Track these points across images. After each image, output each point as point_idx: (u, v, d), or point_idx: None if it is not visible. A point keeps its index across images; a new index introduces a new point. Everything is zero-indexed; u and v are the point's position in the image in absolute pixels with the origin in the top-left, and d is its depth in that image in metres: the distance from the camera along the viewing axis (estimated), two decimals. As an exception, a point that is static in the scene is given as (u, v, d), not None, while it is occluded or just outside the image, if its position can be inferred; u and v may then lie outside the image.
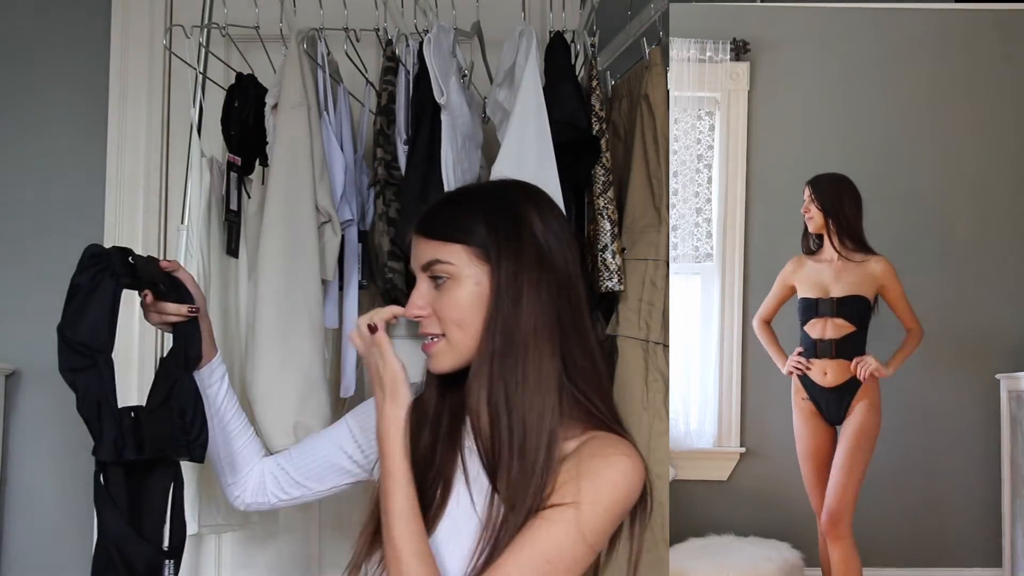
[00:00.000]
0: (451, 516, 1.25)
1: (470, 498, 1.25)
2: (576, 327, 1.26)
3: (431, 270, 1.26)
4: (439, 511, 1.26)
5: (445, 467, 1.28)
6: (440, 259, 1.25)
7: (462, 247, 1.25)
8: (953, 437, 2.48)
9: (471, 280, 1.24)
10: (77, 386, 1.31)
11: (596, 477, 1.19)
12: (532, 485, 1.18)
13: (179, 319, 1.44)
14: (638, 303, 1.97)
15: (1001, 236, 2.49)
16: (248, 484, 1.51)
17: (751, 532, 2.42)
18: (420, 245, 1.28)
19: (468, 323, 1.24)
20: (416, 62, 1.96)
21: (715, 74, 2.47)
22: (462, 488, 1.26)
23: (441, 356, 1.26)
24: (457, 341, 1.25)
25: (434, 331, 1.26)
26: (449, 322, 1.24)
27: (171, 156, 2.57)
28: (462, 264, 1.25)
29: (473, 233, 1.25)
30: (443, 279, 1.25)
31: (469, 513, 1.25)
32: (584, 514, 1.18)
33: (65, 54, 2.58)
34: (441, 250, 1.25)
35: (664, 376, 1.93)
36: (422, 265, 1.27)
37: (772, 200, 2.50)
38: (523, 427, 1.20)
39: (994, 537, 2.44)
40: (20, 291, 2.53)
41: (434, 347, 1.26)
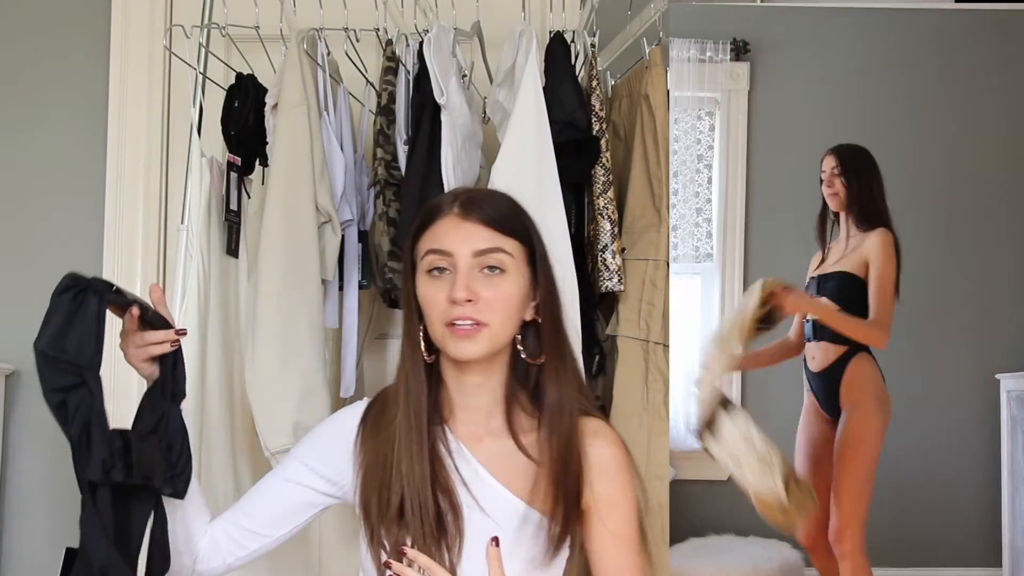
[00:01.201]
0: (470, 525, 1.28)
1: (476, 503, 1.29)
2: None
3: (488, 258, 1.27)
4: (457, 522, 1.28)
5: (441, 477, 1.30)
6: (504, 249, 1.27)
7: (520, 244, 1.29)
8: (953, 437, 2.48)
9: (520, 276, 1.29)
10: (67, 405, 1.27)
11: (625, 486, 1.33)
12: (578, 470, 1.30)
13: (163, 350, 1.37)
14: (638, 303, 1.97)
15: (1001, 236, 2.50)
16: (199, 550, 1.39)
17: (751, 532, 2.42)
18: (477, 230, 1.27)
19: (512, 317, 1.28)
20: (416, 62, 1.96)
21: (715, 74, 2.47)
22: (466, 495, 1.30)
23: (481, 342, 1.26)
24: (499, 332, 1.27)
25: (481, 318, 1.25)
26: (500, 312, 1.26)
27: (171, 156, 2.57)
28: (518, 259, 1.29)
29: (527, 233, 1.31)
30: (496, 270, 1.27)
31: (482, 518, 1.29)
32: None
33: (65, 54, 2.58)
34: (504, 241, 1.27)
35: (664, 376, 1.93)
36: (479, 251, 1.26)
37: (772, 200, 2.50)
38: (572, 422, 1.31)
39: (994, 537, 2.44)
40: (20, 291, 2.53)
41: (478, 332, 1.25)
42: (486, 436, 1.34)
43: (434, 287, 1.27)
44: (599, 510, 1.30)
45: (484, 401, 1.34)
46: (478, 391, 1.33)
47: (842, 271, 2.34)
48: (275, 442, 1.83)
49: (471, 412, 1.34)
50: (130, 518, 1.30)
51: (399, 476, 1.29)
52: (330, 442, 1.39)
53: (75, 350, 1.28)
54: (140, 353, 1.37)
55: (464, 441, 1.34)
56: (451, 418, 1.35)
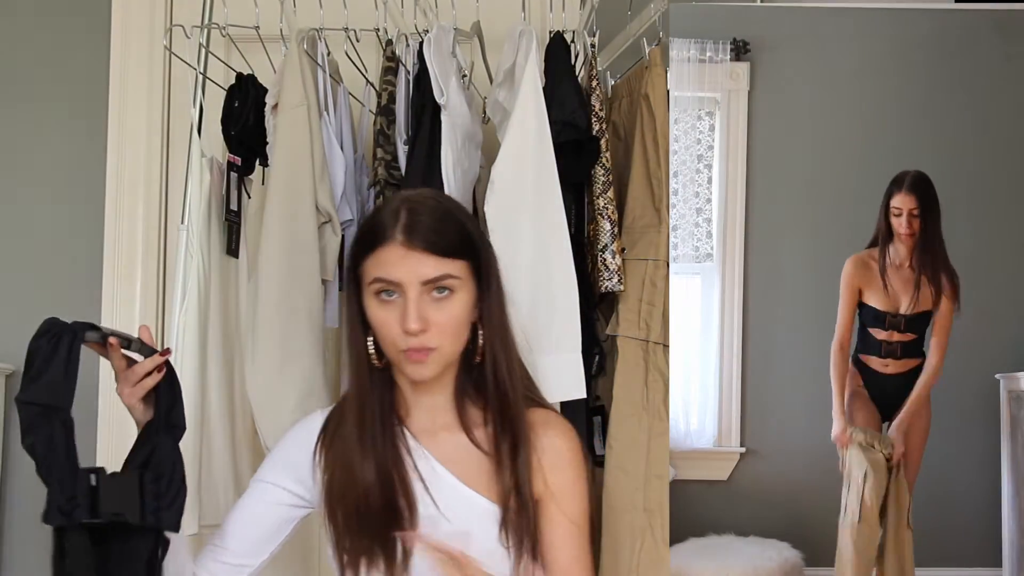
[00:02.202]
0: (425, 524, 1.31)
1: (432, 502, 1.32)
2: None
3: (437, 284, 1.29)
4: (414, 522, 1.31)
5: (400, 477, 1.33)
6: (452, 274, 1.30)
7: (466, 263, 1.32)
8: (953, 437, 2.48)
9: (467, 292, 1.32)
10: (36, 449, 1.26)
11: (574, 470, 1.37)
12: (529, 460, 1.33)
13: (155, 380, 1.38)
14: (638, 303, 1.96)
15: (1001, 236, 2.50)
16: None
17: (751, 532, 2.43)
18: (424, 260, 1.29)
19: (461, 332, 1.33)
20: (416, 62, 1.96)
21: (715, 74, 2.47)
22: (424, 494, 1.33)
23: (433, 365, 1.31)
24: (449, 351, 1.32)
25: (432, 345, 1.29)
26: (449, 335, 1.30)
27: (171, 156, 2.56)
28: (465, 277, 1.32)
29: (471, 249, 1.33)
30: (446, 293, 1.30)
31: (438, 517, 1.32)
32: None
33: (65, 54, 2.58)
34: (450, 265, 1.30)
35: (664, 376, 1.93)
36: (427, 280, 1.28)
37: (772, 200, 2.50)
38: (521, 415, 1.35)
39: (994, 537, 2.44)
40: (20, 291, 2.53)
41: (430, 356, 1.30)
42: (440, 431, 1.38)
43: (385, 311, 1.30)
44: (551, 500, 1.34)
45: (437, 399, 1.38)
46: (430, 390, 1.38)
47: (926, 311, 2.44)
48: (275, 442, 1.83)
49: (425, 409, 1.39)
50: (123, 562, 1.28)
51: (356, 481, 1.33)
52: (295, 457, 1.42)
53: (47, 391, 1.27)
54: (136, 391, 1.38)
55: (420, 437, 1.37)
56: (407, 416, 1.39)
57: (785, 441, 2.49)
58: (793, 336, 2.50)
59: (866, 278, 2.44)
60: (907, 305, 2.42)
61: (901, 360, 2.44)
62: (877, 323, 2.44)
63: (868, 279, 2.44)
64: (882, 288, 2.41)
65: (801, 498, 2.44)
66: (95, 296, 2.52)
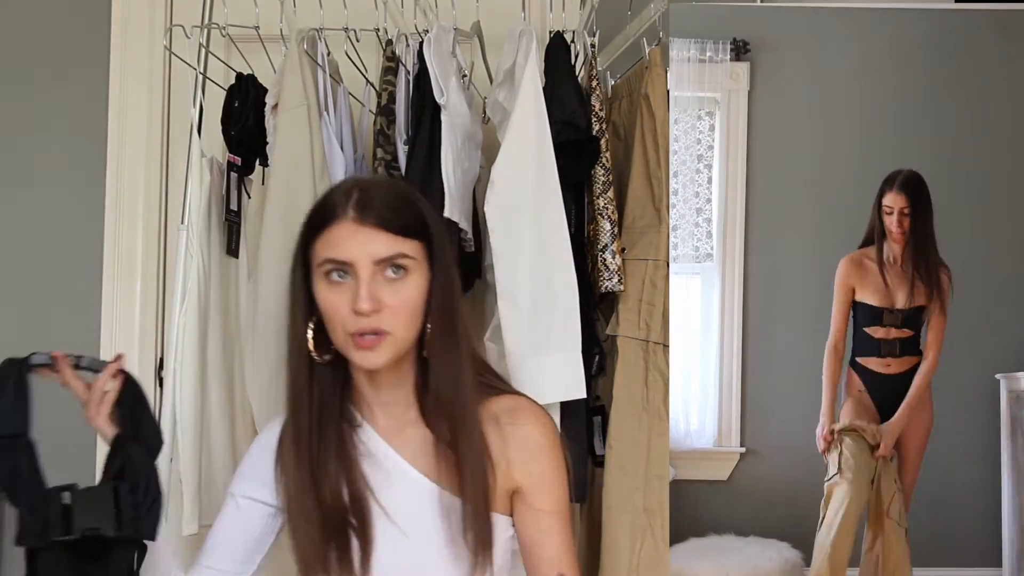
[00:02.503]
0: (380, 529, 1.28)
1: (381, 508, 1.29)
2: (466, 314, 1.36)
3: (391, 263, 1.24)
4: (366, 528, 1.28)
5: (352, 481, 1.29)
6: (406, 253, 1.24)
7: (420, 243, 1.27)
8: (953, 437, 2.48)
9: (421, 275, 1.27)
10: (1, 481, 1.25)
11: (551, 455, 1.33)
12: (483, 460, 1.28)
13: (116, 388, 1.35)
14: (638, 303, 1.96)
15: (1001, 236, 2.50)
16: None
17: (751, 532, 2.42)
18: (375, 236, 1.23)
19: (415, 318, 1.26)
20: (416, 62, 1.96)
21: (715, 74, 2.47)
22: (374, 502, 1.29)
23: (385, 351, 1.24)
24: (402, 337, 1.25)
25: (384, 327, 1.23)
26: (403, 318, 1.24)
27: (171, 156, 2.56)
28: (419, 258, 1.26)
29: (426, 229, 1.28)
30: (400, 274, 1.24)
31: (388, 523, 1.28)
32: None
33: (65, 54, 2.58)
34: (405, 244, 1.25)
35: (664, 376, 1.93)
36: (380, 258, 1.23)
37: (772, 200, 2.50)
38: (470, 410, 1.29)
39: (994, 537, 2.44)
40: (20, 291, 2.53)
41: (380, 342, 1.23)
42: (407, 427, 1.33)
43: (335, 294, 1.24)
44: (530, 491, 1.30)
45: (398, 394, 1.33)
46: (390, 386, 1.32)
47: (922, 306, 2.45)
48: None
49: (389, 406, 1.33)
50: (108, 568, 1.26)
51: (297, 488, 1.29)
52: (260, 465, 1.37)
53: (2, 423, 1.25)
54: (100, 410, 1.35)
55: (385, 435, 1.32)
56: (370, 415, 1.34)
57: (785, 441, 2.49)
58: (793, 336, 2.50)
59: (860, 276, 2.44)
60: (904, 300, 2.42)
61: (901, 358, 2.44)
62: (874, 320, 2.43)
63: (862, 277, 2.44)
64: (879, 284, 2.42)
65: (801, 498, 2.44)
66: (95, 296, 2.52)
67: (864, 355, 2.46)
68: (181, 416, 1.99)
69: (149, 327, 2.51)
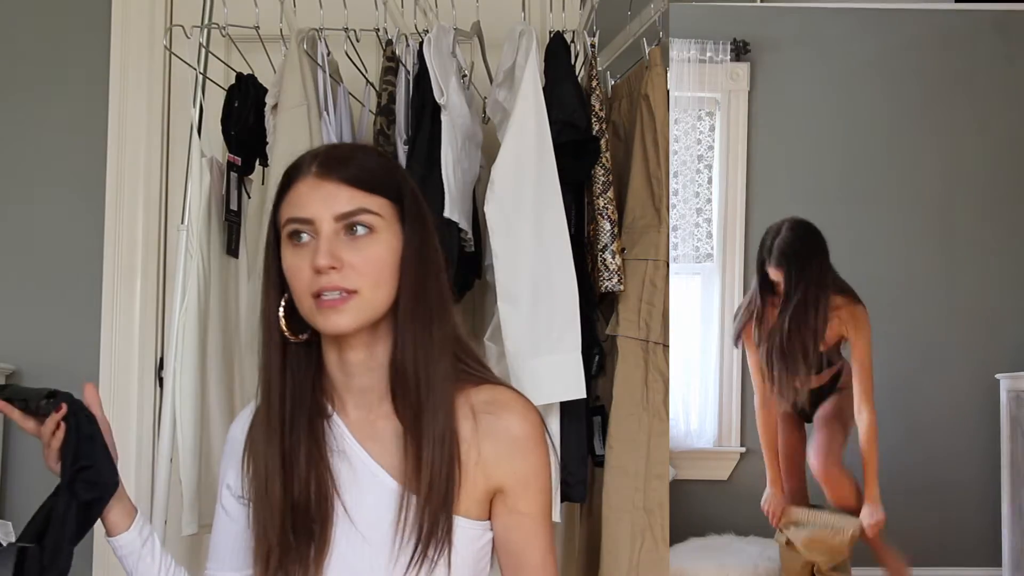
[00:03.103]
0: (341, 529, 1.19)
1: (343, 507, 1.20)
2: (449, 293, 1.26)
3: (352, 219, 1.16)
4: (326, 527, 1.19)
5: (317, 475, 1.20)
6: (370, 209, 1.17)
7: (387, 201, 1.19)
8: (953, 437, 2.48)
9: (391, 235, 1.18)
10: None
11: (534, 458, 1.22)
12: (446, 450, 1.17)
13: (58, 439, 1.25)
14: (638, 303, 1.97)
15: (1001, 236, 2.49)
16: None
17: (751, 532, 2.42)
18: (337, 191, 1.16)
19: (385, 281, 1.17)
20: (416, 62, 1.96)
21: (715, 74, 2.47)
22: (339, 503, 1.20)
23: (351, 312, 1.15)
24: (371, 298, 1.16)
25: (348, 285, 1.14)
26: (369, 278, 1.15)
27: (171, 156, 2.57)
28: (387, 217, 1.18)
29: (395, 189, 1.20)
30: (363, 232, 1.16)
31: (349, 523, 1.20)
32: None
33: (65, 54, 2.58)
34: (369, 200, 1.17)
35: (664, 376, 1.93)
36: (341, 214, 1.15)
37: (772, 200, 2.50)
38: (437, 393, 1.19)
39: (994, 537, 2.44)
40: (20, 291, 2.53)
41: (346, 302, 1.14)
42: (379, 420, 1.23)
43: (297, 256, 1.16)
44: (512, 492, 1.20)
45: (372, 381, 1.22)
46: (362, 370, 1.22)
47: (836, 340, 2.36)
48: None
49: (360, 395, 1.23)
50: None
51: (262, 479, 1.21)
52: (236, 454, 1.30)
53: None
54: (51, 455, 1.27)
55: (354, 430, 1.23)
56: (340, 407, 1.24)
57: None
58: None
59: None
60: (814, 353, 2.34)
61: (820, 374, 2.41)
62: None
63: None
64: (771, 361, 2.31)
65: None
66: (95, 296, 2.52)
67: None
68: (181, 416, 1.99)
69: (149, 327, 2.51)
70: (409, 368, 1.18)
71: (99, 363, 2.49)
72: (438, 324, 1.21)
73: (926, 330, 2.47)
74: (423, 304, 1.19)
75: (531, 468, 1.21)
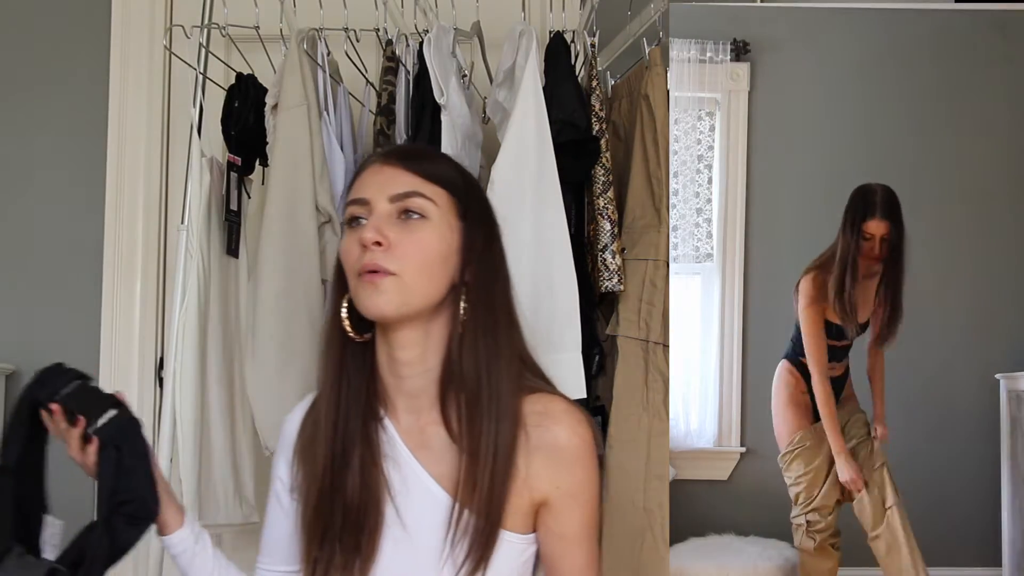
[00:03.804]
0: (390, 535, 1.18)
1: (396, 512, 1.18)
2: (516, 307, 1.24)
3: (406, 202, 1.15)
4: (376, 532, 1.17)
5: (369, 480, 1.18)
6: (423, 193, 1.15)
7: (446, 192, 1.17)
8: (953, 437, 2.48)
9: (445, 226, 1.17)
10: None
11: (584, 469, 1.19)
12: (503, 465, 1.14)
13: (92, 456, 1.19)
14: (638, 303, 1.97)
15: (1001, 236, 2.50)
16: None
17: (751, 532, 2.42)
18: (396, 175, 1.16)
19: (433, 271, 1.15)
20: (416, 62, 1.96)
21: (715, 74, 2.47)
22: (390, 504, 1.18)
23: (390, 294, 1.12)
24: (413, 285, 1.13)
25: (388, 266, 1.12)
26: (414, 261, 1.13)
27: (171, 156, 2.57)
28: (443, 207, 1.17)
29: (457, 185, 1.20)
30: (415, 216, 1.15)
31: (401, 529, 1.18)
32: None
33: (65, 54, 2.58)
34: (425, 186, 1.16)
35: (664, 376, 1.93)
36: (396, 195, 1.15)
37: (772, 200, 2.50)
38: (502, 405, 1.15)
39: (994, 537, 2.44)
40: (20, 291, 2.53)
41: (383, 281, 1.12)
42: (429, 426, 1.20)
43: (350, 239, 1.16)
44: (556, 506, 1.16)
45: (422, 385, 1.19)
46: (412, 372, 1.19)
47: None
48: (275, 442, 1.83)
49: (412, 399, 1.21)
50: None
51: (316, 477, 1.19)
52: (289, 455, 1.28)
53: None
54: (81, 459, 1.21)
55: (405, 436, 1.20)
56: (392, 411, 1.22)
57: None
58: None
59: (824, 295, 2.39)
60: (863, 317, 2.40)
61: (843, 361, 2.44)
62: (838, 336, 2.41)
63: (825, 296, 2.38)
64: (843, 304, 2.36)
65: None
66: (95, 296, 2.52)
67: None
68: (181, 416, 1.99)
69: (149, 327, 2.51)
70: (469, 375, 1.16)
71: (99, 363, 2.49)
72: (506, 332, 1.19)
73: (926, 330, 2.47)
74: (487, 309, 1.18)
75: (576, 482, 1.17)
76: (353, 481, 1.18)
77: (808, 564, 2.35)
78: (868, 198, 2.37)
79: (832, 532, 2.37)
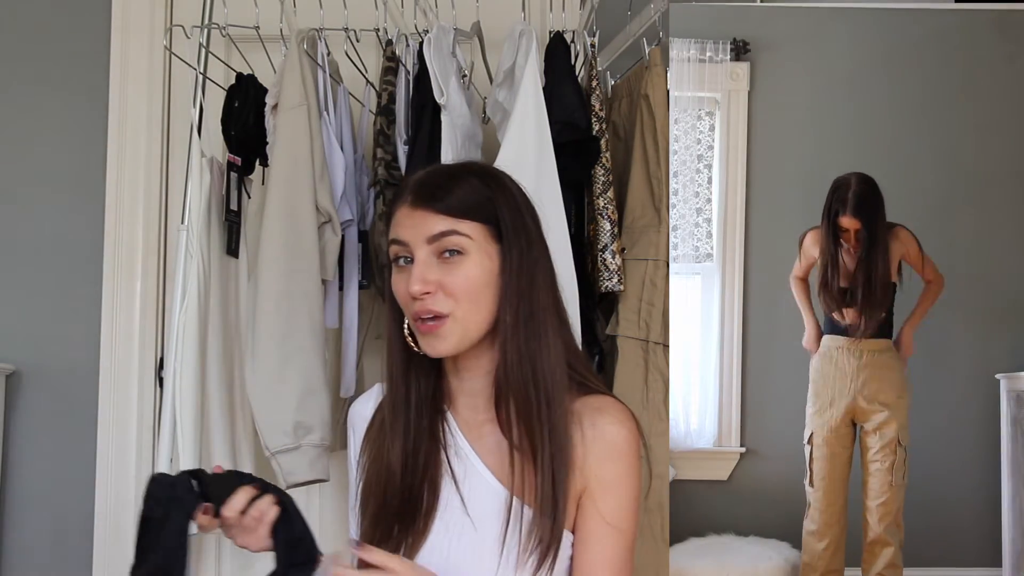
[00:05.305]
0: (442, 519, 1.23)
1: (460, 500, 1.23)
2: (561, 303, 1.29)
3: (443, 241, 1.20)
4: (429, 516, 1.23)
5: (431, 468, 1.25)
6: (459, 231, 1.20)
7: (480, 224, 1.22)
8: (953, 437, 2.48)
9: (483, 255, 1.21)
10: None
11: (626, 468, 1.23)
12: (564, 457, 1.19)
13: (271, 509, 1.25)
14: (638, 303, 1.97)
15: (1001, 236, 2.50)
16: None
17: (751, 532, 2.42)
18: (429, 218, 1.20)
19: (481, 300, 1.21)
20: (416, 62, 1.96)
21: (715, 74, 2.47)
22: (451, 490, 1.24)
23: (448, 337, 1.20)
24: (466, 319, 1.20)
25: (440, 309, 1.19)
26: (462, 299, 1.19)
27: (171, 156, 2.57)
28: (478, 239, 1.21)
29: (486, 209, 1.23)
30: (454, 253, 1.20)
31: (460, 515, 1.23)
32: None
33: (65, 54, 2.58)
34: (458, 224, 1.20)
35: (664, 376, 1.93)
36: (430, 237, 1.20)
37: (772, 200, 2.50)
38: (553, 408, 1.20)
39: (994, 537, 2.44)
40: (20, 291, 2.53)
41: (441, 327, 1.19)
42: (486, 424, 1.27)
43: (399, 281, 1.23)
44: (593, 492, 1.21)
45: (482, 385, 1.26)
46: (473, 374, 1.26)
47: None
48: (275, 442, 1.83)
49: (471, 397, 1.28)
50: None
51: (383, 469, 1.25)
52: (360, 430, 1.35)
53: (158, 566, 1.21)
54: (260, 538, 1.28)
55: (464, 429, 1.27)
56: (452, 405, 1.29)
57: (785, 441, 2.49)
58: (793, 335, 2.50)
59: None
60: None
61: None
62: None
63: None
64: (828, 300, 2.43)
65: (801, 498, 2.44)
66: (95, 296, 2.52)
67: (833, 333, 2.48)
68: (181, 416, 1.99)
69: (149, 327, 2.51)
70: (515, 382, 1.21)
71: (99, 363, 2.49)
72: (550, 335, 1.23)
73: (926, 330, 2.47)
74: (527, 317, 1.22)
75: (616, 473, 1.22)
76: (418, 471, 1.24)
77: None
78: (839, 193, 2.41)
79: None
